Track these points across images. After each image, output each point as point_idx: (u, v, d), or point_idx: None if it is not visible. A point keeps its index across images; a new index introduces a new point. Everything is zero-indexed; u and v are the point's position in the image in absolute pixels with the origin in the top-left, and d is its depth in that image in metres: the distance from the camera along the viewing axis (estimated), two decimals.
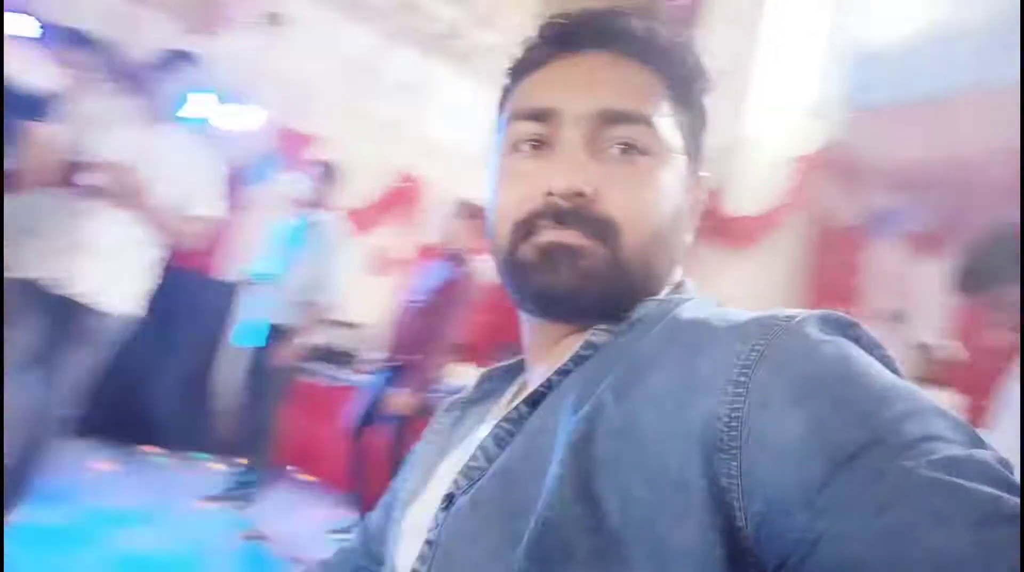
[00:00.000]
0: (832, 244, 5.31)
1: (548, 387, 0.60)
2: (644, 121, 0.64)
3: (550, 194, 0.62)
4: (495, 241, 0.66)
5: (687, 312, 0.58)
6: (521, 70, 0.69)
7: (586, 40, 0.66)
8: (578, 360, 0.60)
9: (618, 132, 0.63)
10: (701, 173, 0.70)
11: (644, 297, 0.63)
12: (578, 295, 0.61)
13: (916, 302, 4.85)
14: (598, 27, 0.66)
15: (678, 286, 0.68)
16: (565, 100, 0.64)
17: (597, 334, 0.61)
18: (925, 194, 4.75)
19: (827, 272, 5.26)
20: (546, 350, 0.67)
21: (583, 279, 0.61)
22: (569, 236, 0.61)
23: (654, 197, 0.63)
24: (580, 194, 0.61)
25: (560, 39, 0.67)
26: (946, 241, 4.37)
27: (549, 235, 0.62)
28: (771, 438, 0.43)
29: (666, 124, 0.65)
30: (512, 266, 0.64)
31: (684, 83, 0.67)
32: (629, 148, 0.63)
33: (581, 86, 0.64)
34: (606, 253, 0.61)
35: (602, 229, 0.61)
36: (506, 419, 0.60)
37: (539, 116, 0.65)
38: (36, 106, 2.44)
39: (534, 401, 0.60)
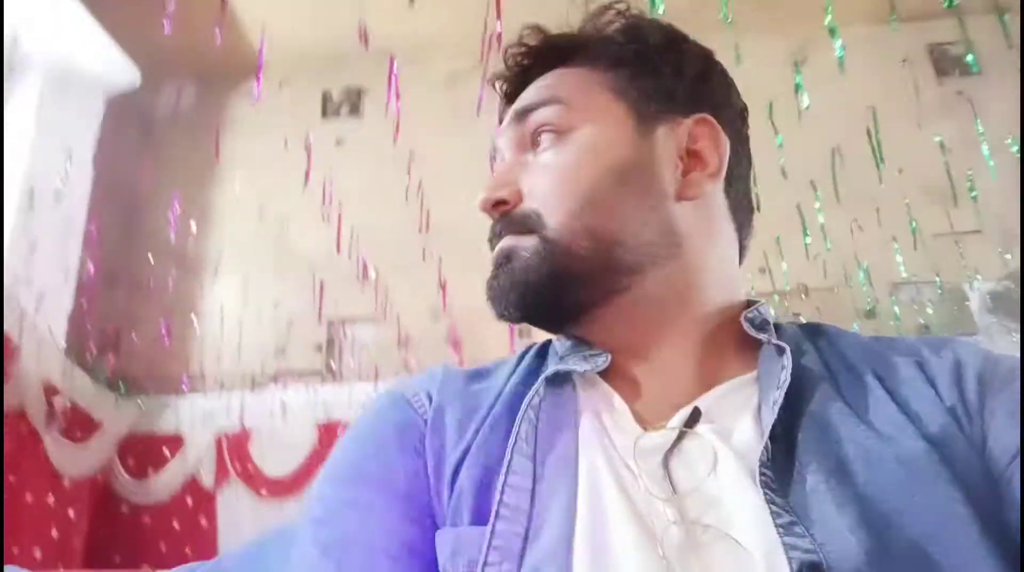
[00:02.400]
0: None
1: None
2: (555, 101, 0.63)
3: (491, 215, 0.64)
4: None
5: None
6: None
7: (528, 76, 0.67)
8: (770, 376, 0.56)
9: (532, 121, 0.63)
10: (685, 119, 0.64)
11: (616, 270, 0.61)
12: (516, 291, 0.61)
13: None
14: (537, 56, 0.68)
15: (751, 304, 0.63)
16: (502, 125, 0.67)
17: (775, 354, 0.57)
18: None
19: None
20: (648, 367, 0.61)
21: (518, 274, 0.61)
22: (503, 242, 0.62)
23: (575, 166, 0.62)
24: (501, 202, 0.63)
25: (508, 81, 0.69)
26: None
27: (494, 252, 0.63)
28: None
29: (589, 96, 0.64)
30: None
31: (618, 60, 0.65)
32: (552, 133, 0.63)
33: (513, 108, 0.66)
34: (533, 242, 0.60)
35: (527, 223, 0.61)
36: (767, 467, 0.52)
37: (494, 152, 0.68)
38: None
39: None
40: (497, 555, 0.51)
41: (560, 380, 0.61)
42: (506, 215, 0.63)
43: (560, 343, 0.66)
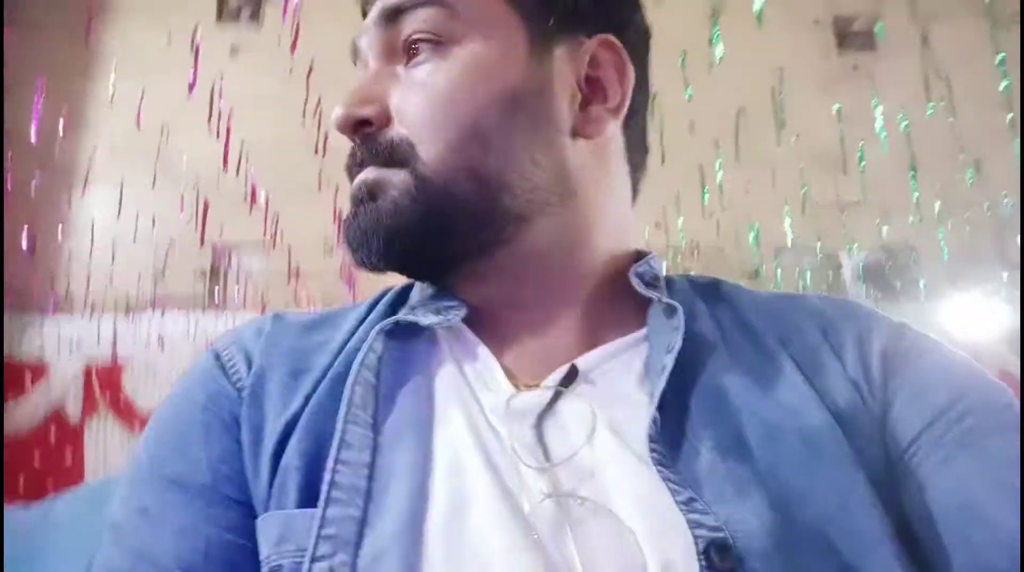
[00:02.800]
0: None
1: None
2: (436, 3, 0.53)
3: (350, 137, 0.54)
4: None
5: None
6: None
7: None
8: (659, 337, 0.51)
9: (407, 26, 0.53)
10: (587, 40, 0.57)
11: (501, 217, 0.53)
12: (381, 236, 0.52)
13: None
14: None
15: (641, 256, 0.58)
16: (365, 26, 0.56)
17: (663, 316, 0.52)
18: None
19: None
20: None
21: (385, 216, 0.52)
22: (365, 173, 0.53)
23: (456, 92, 0.52)
24: (363, 122, 0.53)
25: None
26: None
27: (353, 182, 0.55)
28: None
29: (478, 2, 0.54)
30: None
31: None
32: (430, 44, 0.53)
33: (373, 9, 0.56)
34: (404, 177, 0.52)
35: (397, 153, 0.52)
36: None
37: (354, 55, 0.58)
38: None
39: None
40: (329, 545, 0.43)
41: (411, 333, 0.53)
42: (370, 139, 0.53)
43: (420, 288, 0.59)
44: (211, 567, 0.47)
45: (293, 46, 3.44)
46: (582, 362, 0.52)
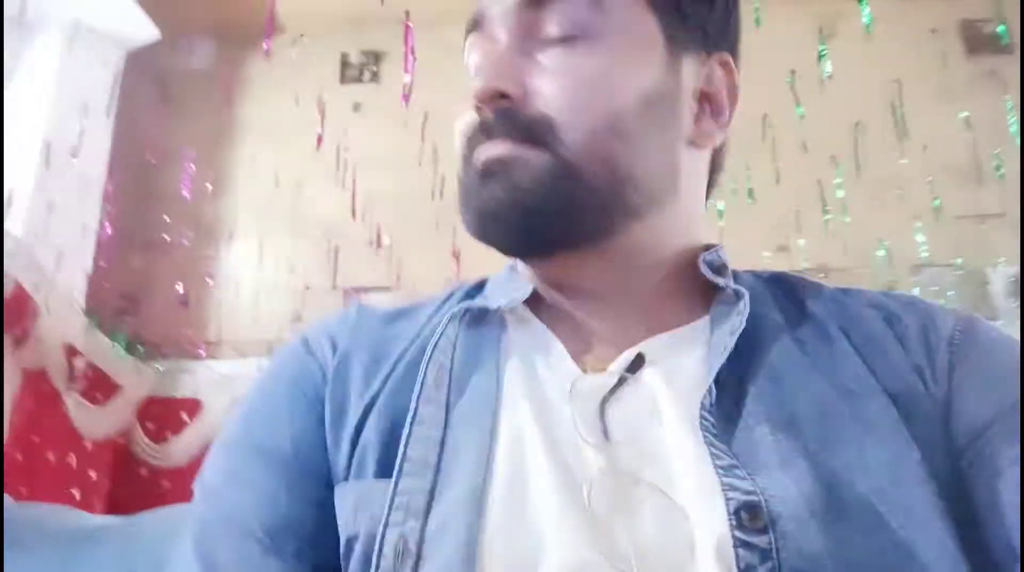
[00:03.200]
0: None
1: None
2: None
3: (478, 107, 0.54)
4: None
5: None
6: None
7: None
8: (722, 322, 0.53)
9: (551, 15, 0.54)
10: (711, 54, 0.59)
11: (620, 211, 0.54)
12: (518, 213, 0.52)
13: None
14: None
15: (709, 247, 0.59)
16: (489, 4, 0.57)
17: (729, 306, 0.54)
18: None
19: None
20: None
21: (524, 193, 0.52)
22: (499, 147, 0.53)
23: (602, 83, 0.53)
24: (503, 95, 0.53)
25: None
26: None
27: (481, 153, 0.54)
28: None
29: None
30: (461, 200, 0.56)
31: None
32: (569, 37, 0.54)
33: None
34: (545, 159, 0.52)
35: (535, 132, 0.52)
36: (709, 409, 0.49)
37: (475, 25, 0.57)
38: None
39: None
40: (400, 513, 0.47)
41: (484, 319, 0.56)
42: (509, 113, 0.53)
43: (493, 281, 0.61)
44: (290, 532, 0.51)
45: (407, 99, 3.65)
46: (648, 348, 0.53)
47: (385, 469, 0.49)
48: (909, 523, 0.44)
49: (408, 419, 0.50)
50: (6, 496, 0.77)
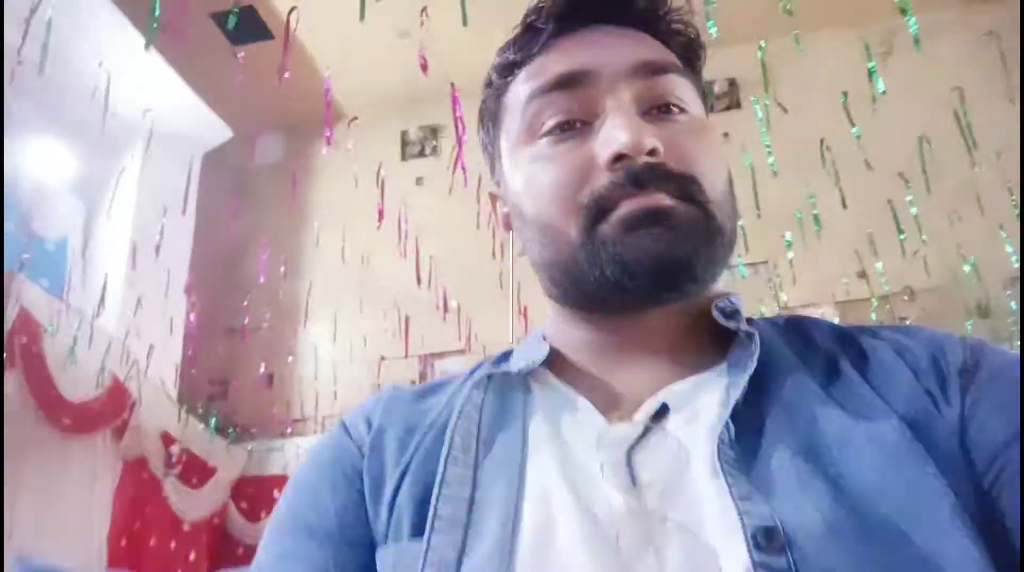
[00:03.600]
0: None
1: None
2: (680, 71, 0.59)
3: (618, 159, 0.55)
4: (552, 236, 0.58)
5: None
6: (523, 56, 0.61)
7: (589, 14, 0.61)
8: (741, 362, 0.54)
9: (660, 86, 0.58)
10: None
11: (723, 267, 0.58)
12: (671, 259, 0.54)
13: None
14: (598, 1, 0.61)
15: (722, 295, 0.61)
16: (601, 58, 0.58)
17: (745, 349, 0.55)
18: None
19: None
20: (625, 353, 0.59)
21: (686, 241, 0.54)
22: (657, 198, 0.54)
23: (719, 147, 0.59)
24: (652, 151, 0.54)
25: (561, 16, 0.60)
26: None
27: (632, 204, 0.54)
28: None
29: (690, 81, 0.60)
30: (591, 252, 0.55)
31: (689, 49, 0.63)
32: (671, 106, 0.58)
33: (612, 45, 0.59)
34: (696, 212, 0.55)
35: (686, 187, 0.55)
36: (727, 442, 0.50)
37: (571, 81, 0.58)
38: None
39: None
40: (432, 569, 0.49)
41: (508, 383, 0.59)
42: (660, 168, 0.54)
43: (520, 345, 0.64)
44: None
45: (459, 166, 3.77)
46: (670, 397, 0.55)
47: (418, 530, 0.52)
48: (934, 537, 0.44)
49: (437, 480, 0.53)
50: None
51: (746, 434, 0.50)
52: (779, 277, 4.94)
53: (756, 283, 4.99)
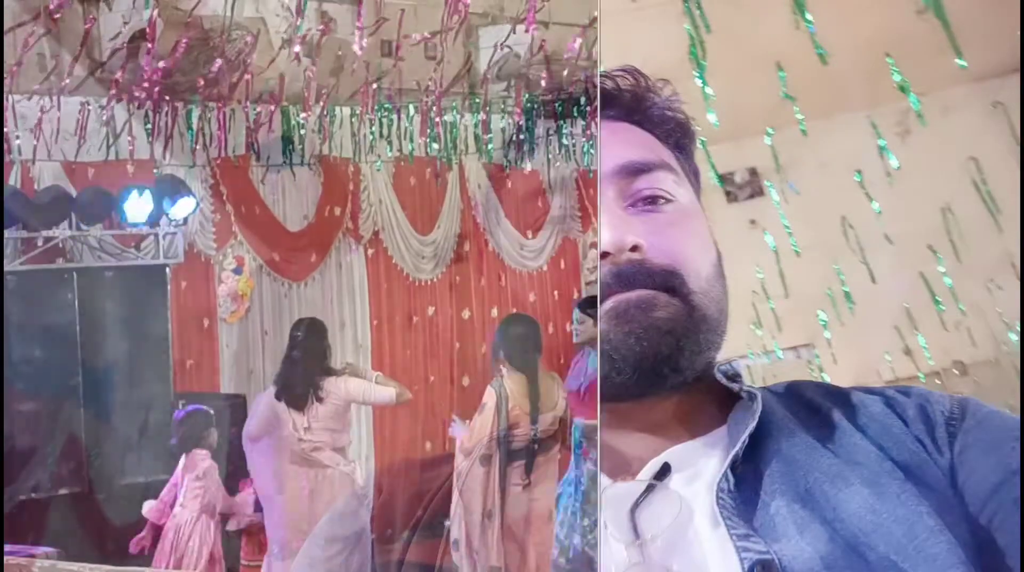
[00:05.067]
0: None
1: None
2: (664, 167, 0.64)
3: (604, 257, 0.59)
4: None
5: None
6: None
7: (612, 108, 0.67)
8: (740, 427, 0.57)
9: (644, 182, 0.63)
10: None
11: (716, 350, 0.61)
12: (669, 355, 0.58)
13: None
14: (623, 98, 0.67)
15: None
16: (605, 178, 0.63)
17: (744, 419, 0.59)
18: None
19: None
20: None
21: (669, 336, 0.58)
22: (644, 292, 0.59)
23: (702, 231, 0.63)
24: (635, 247, 0.60)
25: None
26: None
27: (617, 299, 0.59)
28: None
29: (679, 172, 0.65)
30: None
31: (677, 134, 0.68)
32: (656, 199, 0.62)
33: (602, 144, 0.65)
34: (678, 304, 0.59)
35: (667, 280, 0.59)
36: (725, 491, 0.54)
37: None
38: None
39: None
40: None
41: None
42: (643, 264, 0.60)
43: None
44: None
45: None
46: (673, 457, 0.59)
47: None
48: (933, 571, 0.48)
49: None
50: None
51: (745, 484, 0.55)
52: (818, 357, 4.84)
53: (798, 366, 4.88)
